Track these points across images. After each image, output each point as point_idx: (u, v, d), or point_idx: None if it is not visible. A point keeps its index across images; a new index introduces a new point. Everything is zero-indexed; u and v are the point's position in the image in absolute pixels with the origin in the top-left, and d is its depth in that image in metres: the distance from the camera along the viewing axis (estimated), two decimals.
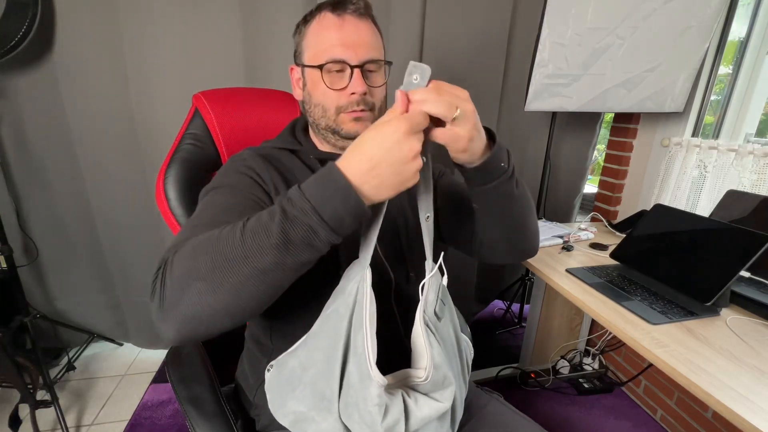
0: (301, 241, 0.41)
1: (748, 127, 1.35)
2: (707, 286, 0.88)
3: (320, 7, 0.62)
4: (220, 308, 0.42)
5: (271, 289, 0.43)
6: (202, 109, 0.86)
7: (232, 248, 0.42)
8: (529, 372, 1.63)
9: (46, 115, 1.37)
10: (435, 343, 0.51)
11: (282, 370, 0.54)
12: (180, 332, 0.43)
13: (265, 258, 0.41)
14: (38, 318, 1.44)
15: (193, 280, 0.42)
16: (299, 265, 0.43)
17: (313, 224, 0.41)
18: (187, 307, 0.42)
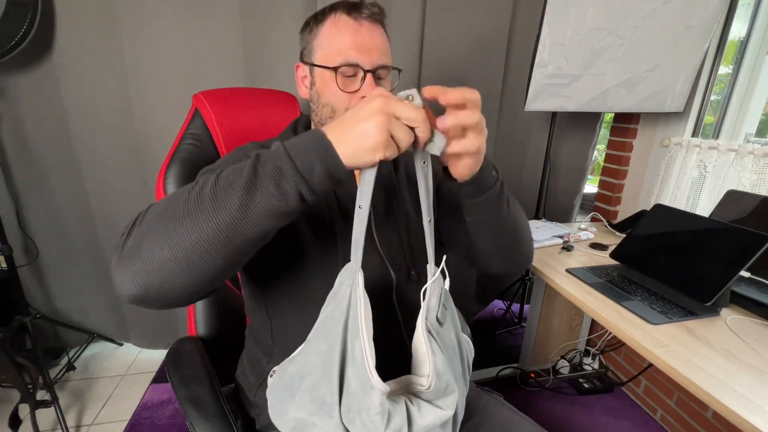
0: (269, 179, 0.40)
1: (748, 127, 1.35)
2: (707, 286, 0.88)
3: (334, 7, 0.62)
4: (177, 251, 0.40)
5: (232, 237, 0.40)
6: (202, 109, 0.86)
7: (205, 189, 0.41)
8: (529, 372, 1.63)
9: (46, 115, 1.37)
10: (438, 350, 0.50)
11: (282, 376, 0.54)
12: (134, 281, 0.41)
13: (232, 196, 0.39)
14: (38, 318, 1.44)
15: (159, 222, 0.41)
16: (264, 212, 0.40)
17: (282, 165, 0.40)
18: (146, 249, 0.40)
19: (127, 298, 0.42)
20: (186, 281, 0.41)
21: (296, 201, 0.41)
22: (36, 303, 1.54)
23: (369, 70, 0.60)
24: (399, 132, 0.42)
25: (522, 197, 1.92)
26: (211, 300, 0.83)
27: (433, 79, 1.59)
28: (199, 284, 0.43)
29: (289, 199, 0.40)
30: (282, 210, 0.41)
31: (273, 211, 0.40)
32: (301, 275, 0.62)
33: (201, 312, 0.82)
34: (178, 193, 0.43)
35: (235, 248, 0.41)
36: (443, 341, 0.53)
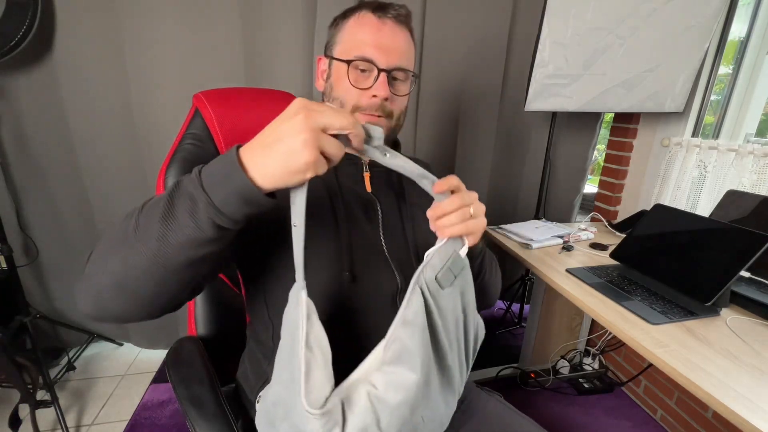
0: (184, 212, 0.38)
1: (748, 127, 1.35)
2: (707, 286, 0.88)
3: (362, 5, 0.63)
4: (111, 276, 0.41)
5: (155, 266, 0.40)
6: (202, 109, 0.86)
7: (129, 221, 0.42)
8: (529, 372, 1.63)
9: (46, 115, 1.37)
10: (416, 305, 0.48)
11: (266, 401, 0.54)
12: (86, 301, 0.43)
13: (151, 227, 0.39)
14: (38, 318, 1.44)
15: (101, 250, 0.43)
16: (182, 243, 0.39)
17: (195, 194, 0.38)
18: (91, 274, 0.43)
19: (88, 317, 0.45)
20: (127, 304, 0.43)
21: (213, 230, 0.39)
22: (36, 303, 1.54)
23: (384, 69, 0.60)
24: (329, 147, 0.39)
25: (522, 197, 1.92)
26: (211, 300, 0.82)
27: (433, 79, 1.59)
28: (142, 305, 0.44)
29: (204, 229, 0.39)
30: (201, 239, 0.39)
31: (191, 241, 0.39)
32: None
33: (201, 312, 0.82)
34: (123, 218, 0.44)
35: (165, 275, 0.41)
36: (438, 305, 0.51)
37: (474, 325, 0.59)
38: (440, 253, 0.51)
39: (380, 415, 0.46)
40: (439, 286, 0.50)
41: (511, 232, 1.34)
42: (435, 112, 1.65)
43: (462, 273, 0.53)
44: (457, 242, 0.52)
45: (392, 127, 0.65)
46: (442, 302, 0.51)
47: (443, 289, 0.50)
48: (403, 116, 0.67)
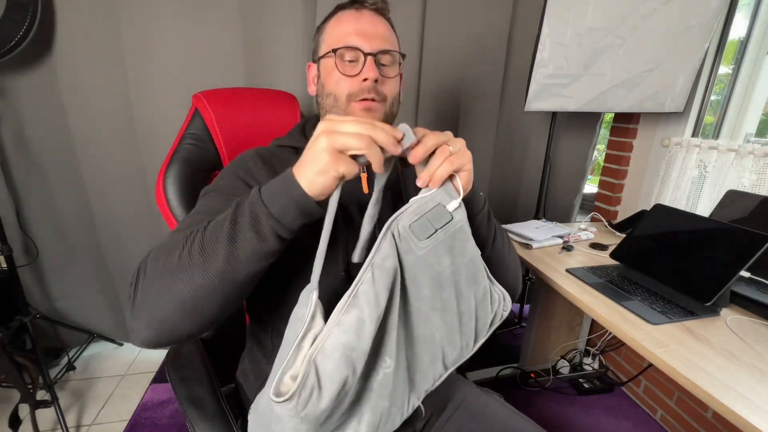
0: (247, 227, 0.43)
1: (748, 127, 1.35)
2: (707, 286, 0.88)
3: (339, 6, 0.66)
4: (178, 303, 0.43)
5: (224, 283, 0.44)
6: (202, 109, 0.86)
7: (196, 243, 0.44)
8: (529, 372, 1.63)
9: (46, 115, 1.37)
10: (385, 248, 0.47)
11: (257, 410, 0.53)
12: (147, 330, 0.45)
13: (218, 247, 0.43)
14: (38, 318, 1.44)
15: (159, 277, 0.44)
16: (248, 257, 0.43)
17: (257, 210, 0.43)
18: (151, 303, 0.44)
19: (144, 345, 0.46)
20: (192, 324, 0.45)
21: (275, 241, 0.44)
22: (36, 303, 1.54)
23: (369, 53, 0.61)
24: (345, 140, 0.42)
25: (522, 197, 1.92)
26: None
27: (433, 79, 1.59)
28: (205, 323, 0.47)
29: (267, 241, 0.43)
30: (264, 252, 0.44)
31: (256, 254, 0.44)
32: (303, 281, 0.62)
33: None
34: (174, 244, 0.46)
35: (229, 292, 0.45)
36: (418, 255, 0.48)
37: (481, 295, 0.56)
38: (420, 203, 0.49)
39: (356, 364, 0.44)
40: (413, 235, 0.48)
41: (511, 232, 1.34)
42: (435, 111, 1.65)
43: (447, 228, 0.49)
44: (445, 197, 0.49)
45: (386, 112, 0.65)
46: (417, 254, 0.49)
47: (419, 240, 0.48)
48: (396, 102, 0.67)
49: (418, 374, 0.55)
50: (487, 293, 0.57)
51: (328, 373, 0.43)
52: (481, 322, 0.57)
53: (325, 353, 0.43)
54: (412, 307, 0.51)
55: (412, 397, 0.55)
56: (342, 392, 0.44)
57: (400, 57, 0.66)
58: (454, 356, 0.56)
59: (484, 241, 0.63)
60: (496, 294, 0.59)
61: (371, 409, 0.49)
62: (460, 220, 0.51)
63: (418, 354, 0.54)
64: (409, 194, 0.70)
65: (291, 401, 0.41)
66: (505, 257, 0.68)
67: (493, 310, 0.58)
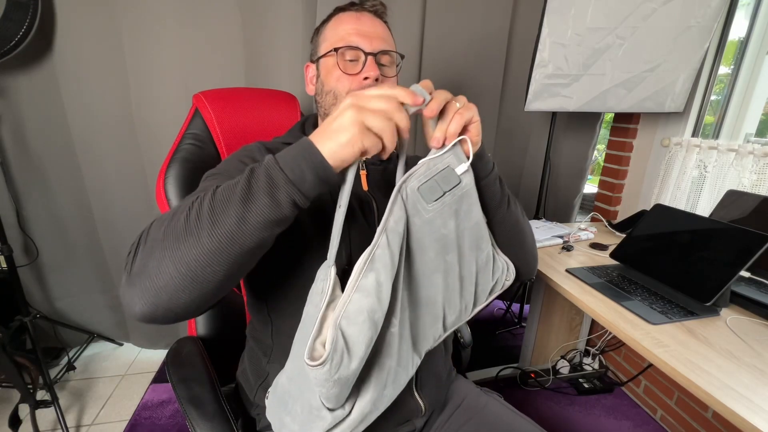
0: (263, 192, 0.41)
1: (748, 127, 1.35)
2: (707, 286, 0.88)
3: (338, 9, 0.67)
4: (181, 266, 0.41)
5: (232, 249, 0.41)
6: (202, 109, 0.86)
7: (204, 206, 0.42)
8: (529, 372, 1.63)
9: (46, 115, 1.37)
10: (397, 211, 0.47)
11: (275, 391, 0.54)
12: (143, 298, 0.41)
13: (229, 210, 0.41)
14: (38, 318, 1.44)
15: (161, 240, 0.42)
16: (261, 222, 0.41)
17: (273, 175, 0.41)
18: (152, 268, 0.41)
19: (138, 317, 0.43)
20: (192, 294, 0.42)
21: (290, 208, 0.42)
22: (36, 303, 1.54)
23: (370, 53, 0.62)
24: (374, 121, 0.42)
25: (522, 197, 1.92)
26: None
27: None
28: (205, 296, 0.44)
29: (283, 207, 0.42)
30: (277, 218, 0.42)
31: (269, 221, 0.42)
32: (303, 275, 0.62)
33: None
34: (179, 209, 0.44)
35: (236, 259, 0.42)
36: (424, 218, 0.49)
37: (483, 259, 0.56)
38: (429, 165, 0.48)
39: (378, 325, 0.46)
40: (421, 197, 0.48)
41: None
42: None
43: (455, 191, 0.50)
44: (453, 160, 0.49)
45: None
46: (424, 216, 0.49)
47: (427, 203, 0.49)
48: None
49: (420, 334, 0.56)
50: (489, 260, 0.58)
51: (355, 336, 0.44)
52: (481, 287, 0.58)
53: (349, 318, 0.44)
54: (416, 269, 0.52)
55: (414, 357, 0.56)
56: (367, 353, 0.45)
57: (399, 58, 0.67)
58: (452, 318, 0.57)
59: (498, 203, 0.61)
60: (500, 263, 0.59)
61: (379, 367, 0.50)
62: (467, 184, 0.51)
63: (420, 315, 0.55)
64: None
65: (325, 365, 0.42)
66: (521, 222, 0.66)
67: (495, 277, 0.59)
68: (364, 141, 0.42)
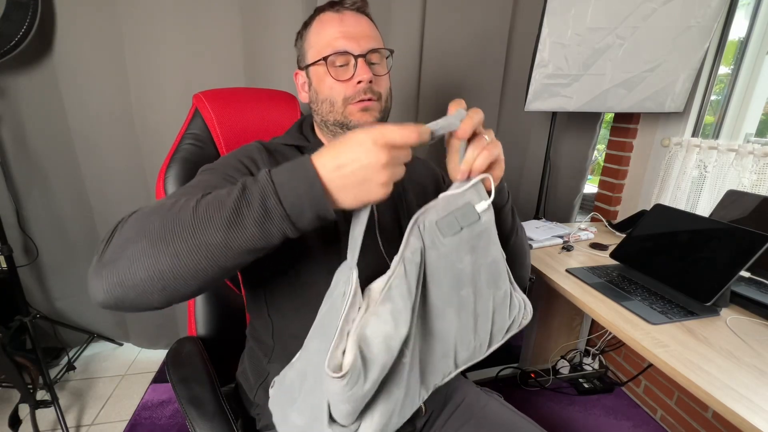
0: (254, 222, 0.39)
1: (748, 127, 1.35)
2: (707, 286, 0.88)
3: (318, 9, 0.65)
4: (154, 273, 0.39)
5: (210, 268, 0.40)
6: (202, 109, 0.86)
7: (184, 214, 0.40)
8: (529, 372, 1.63)
9: (46, 115, 1.37)
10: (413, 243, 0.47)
11: (283, 383, 0.54)
12: (108, 292, 0.40)
13: (212, 232, 0.39)
14: (38, 318, 1.44)
15: (137, 240, 0.40)
16: (245, 250, 0.40)
17: (270, 206, 0.39)
18: (123, 266, 0.40)
19: (99, 305, 0.42)
20: (160, 298, 0.41)
21: (279, 240, 0.41)
22: (36, 303, 1.54)
23: (359, 54, 0.61)
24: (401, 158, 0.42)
25: (522, 197, 1.92)
26: (211, 300, 0.83)
27: (433, 80, 1.59)
28: (172, 301, 0.43)
29: (272, 240, 0.40)
30: (264, 248, 0.41)
31: (254, 249, 0.40)
32: (303, 276, 0.62)
33: (201, 312, 0.82)
34: (158, 207, 0.42)
35: (212, 275, 0.41)
36: (439, 252, 0.48)
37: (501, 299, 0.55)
38: (449, 200, 0.48)
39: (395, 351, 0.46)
40: (438, 231, 0.48)
41: None
42: (435, 111, 1.65)
43: (474, 228, 0.48)
44: (474, 196, 0.48)
45: (382, 108, 0.65)
46: (440, 250, 0.48)
47: (444, 237, 0.48)
48: (389, 97, 0.67)
49: (429, 367, 0.55)
50: (507, 298, 0.56)
51: (371, 358, 0.44)
52: (497, 326, 0.56)
53: (366, 341, 0.44)
54: (430, 302, 0.51)
55: (422, 390, 0.55)
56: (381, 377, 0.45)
57: (389, 52, 0.66)
58: (465, 356, 0.56)
59: (509, 233, 0.62)
60: (516, 300, 0.58)
61: (387, 396, 0.49)
62: (487, 221, 0.50)
63: (432, 348, 0.54)
64: (408, 191, 0.70)
65: (344, 379, 0.42)
66: (525, 250, 0.68)
67: (512, 316, 0.58)
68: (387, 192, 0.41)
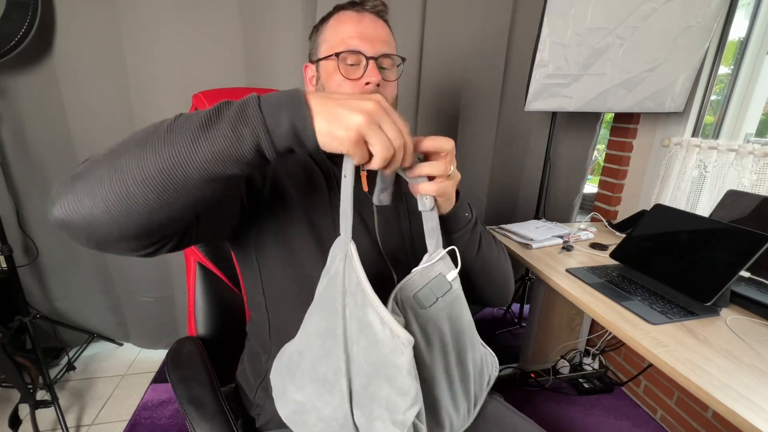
0: (227, 122, 0.37)
1: (748, 127, 1.35)
2: (707, 286, 0.88)
3: (338, 7, 0.65)
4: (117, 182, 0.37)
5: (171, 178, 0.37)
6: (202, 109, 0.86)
7: (160, 126, 0.39)
8: (529, 372, 1.63)
9: (46, 115, 1.37)
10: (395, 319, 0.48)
11: (282, 356, 0.54)
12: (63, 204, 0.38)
13: (185, 133, 0.37)
14: (38, 318, 1.44)
15: (105, 155, 0.39)
16: (213, 154, 0.37)
17: (247, 110, 0.38)
18: (83, 176, 0.38)
19: (53, 218, 0.39)
20: (113, 212, 0.38)
21: (251, 150, 0.38)
22: (36, 303, 1.54)
23: (371, 57, 0.61)
24: (376, 142, 0.40)
25: (522, 197, 1.92)
26: (211, 300, 0.83)
27: (433, 80, 1.59)
28: (129, 220, 0.39)
29: (243, 144, 0.38)
30: (232, 155, 0.38)
31: (222, 154, 0.37)
32: (301, 271, 0.62)
33: (201, 312, 0.82)
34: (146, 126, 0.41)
35: (173, 188, 0.38)
36: (420, 324, 0.50)
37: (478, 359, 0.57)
38: (422, 273, 0.51)
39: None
40: (416, 304, 0.50)
41: (511, 232, 1.34)
42: (435, 112, 1.65)
43: (447, 296, 0.51)
44: (444, 267, 0.51)
45: None
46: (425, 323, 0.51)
47: (421, 309, 0.50)
48: (395, 104, 0.68)
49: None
50: (482, 357, 0.59)
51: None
52: (477, 385, 0.59)
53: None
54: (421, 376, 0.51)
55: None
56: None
57: (400, 60, 0.66)
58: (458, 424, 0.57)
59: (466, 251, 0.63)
60: (489, 357, 0.61)
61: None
62: (457, 288, 0.52)
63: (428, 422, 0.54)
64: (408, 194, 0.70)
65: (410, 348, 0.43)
66: (491, 265, 0.68)
67: (488, 372, 0.61)
68: (353, 149, 0.40)
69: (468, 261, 0.64)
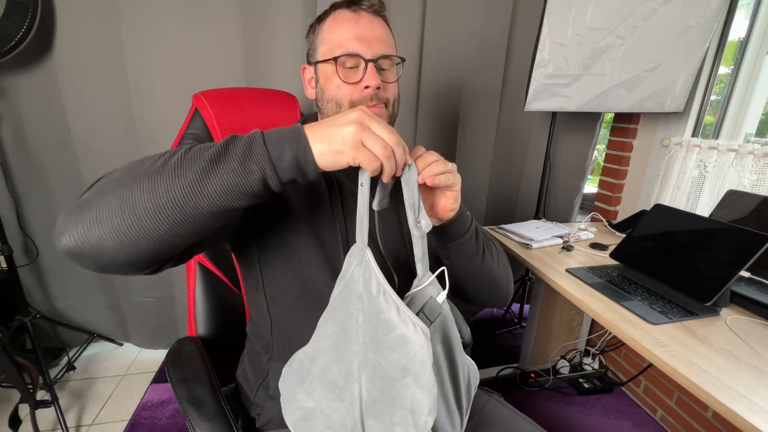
0: (235, 156, 0.40)
1: (748, 127, 1.35)
2: (707, 286, 0.88)
3: (335, 5, 0.64)
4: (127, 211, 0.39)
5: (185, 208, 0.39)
6: (202, 109, 0.86)
7: (170, 158, 0.41)
8: (529, 372, 1.63)
9: (46, 115, 1.37)
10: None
11: (293, 362, 0.54)
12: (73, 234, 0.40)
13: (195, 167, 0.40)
14: (38, 318, 1.44)
15: (113, 183, 0.41)
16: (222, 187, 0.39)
17: (253, 145, 0.41)
18: (93, 205, 0.40)
19: (62, 248, 0.41)
20: (124, 241, 0.40)
21: (258, 183, 0.41)
22: (36, 303, 1.54)
23: (370, 59, 0.60)
24: (372, 143, 0.43)
25: (522, 197, 1.92)
26: (211, 300, 0.83)
27: (433, 80, 1.59)
28: (137, 251, 0.41)
29: (251, 178, 0.40)
30: (241, 189, 0.40)
31: (232, 188, 0.40)
32: (302, 272, 0.62)
33: (201, 312, 0.82)
34: (150, 156, 0.44)
35: (184, 220, 0.40)
36: None
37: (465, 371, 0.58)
38: (414, 298, 0.51)
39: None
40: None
41: (511, 232, 1.34)
42: (435, 112, 1.65)
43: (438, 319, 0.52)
44: (433, 290, 0.52)
45: (390, 114, 0.65)
46: None
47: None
48: (397, 103, 0.67)
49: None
50: (468, 369, 0.60)
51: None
52: (467, 398, 0.60)
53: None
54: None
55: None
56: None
57: (399, 60, 0.66)
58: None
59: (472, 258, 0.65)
60: (472, 368, 0.62)
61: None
62: (446, 309, 0.54)
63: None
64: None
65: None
66: (494, 271, 0.69)
67: (474, 384, 0.62)
68: (356, 155, 0.42)
69: (472, 265, 0.65)
